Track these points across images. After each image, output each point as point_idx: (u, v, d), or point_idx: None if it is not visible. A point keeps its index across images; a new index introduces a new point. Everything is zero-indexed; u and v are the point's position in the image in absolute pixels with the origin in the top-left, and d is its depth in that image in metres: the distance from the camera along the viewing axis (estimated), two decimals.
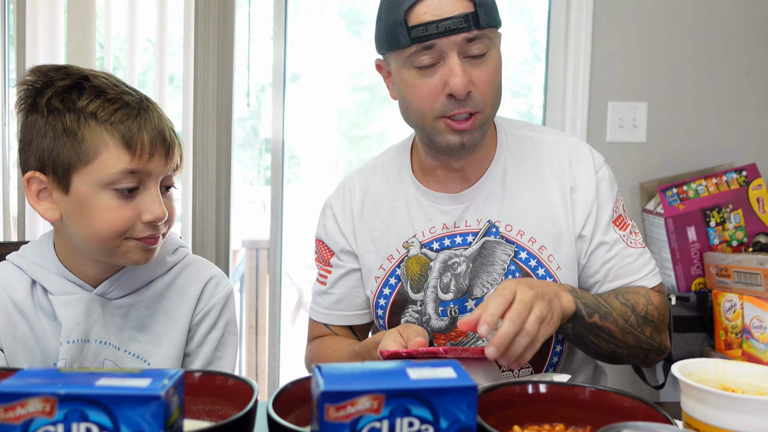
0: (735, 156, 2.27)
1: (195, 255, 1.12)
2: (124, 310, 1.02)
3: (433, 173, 1.18)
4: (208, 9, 2.13)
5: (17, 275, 1.01)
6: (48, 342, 0.99)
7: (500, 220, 1.14)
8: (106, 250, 0.95)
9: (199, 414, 0.77)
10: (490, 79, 1.06)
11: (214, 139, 2.15)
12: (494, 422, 0.72)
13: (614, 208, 1.16)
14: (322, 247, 1.27)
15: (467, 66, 1.04)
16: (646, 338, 1.08)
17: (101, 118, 0.91)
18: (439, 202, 1.17)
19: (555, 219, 1.13)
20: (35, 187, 0.95)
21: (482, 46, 1.04)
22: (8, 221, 2.21)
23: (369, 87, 5.04)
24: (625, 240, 1.15)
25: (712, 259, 1.99)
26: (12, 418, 0.55)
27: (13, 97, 2.23)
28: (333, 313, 1.25)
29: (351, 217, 1.23)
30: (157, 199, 0.95)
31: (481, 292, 1.14)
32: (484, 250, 1.14)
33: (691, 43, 2.25)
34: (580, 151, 1.17)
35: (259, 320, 3.15)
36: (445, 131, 1.07)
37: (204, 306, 1.07)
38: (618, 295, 1.09)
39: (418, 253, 1.17)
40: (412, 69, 1.06)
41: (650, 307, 1.09)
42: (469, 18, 1.01)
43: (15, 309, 0.99)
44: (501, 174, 1.16)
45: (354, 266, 1.23)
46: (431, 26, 1.02)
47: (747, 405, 0.67)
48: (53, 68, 0.95)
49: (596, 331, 1.03)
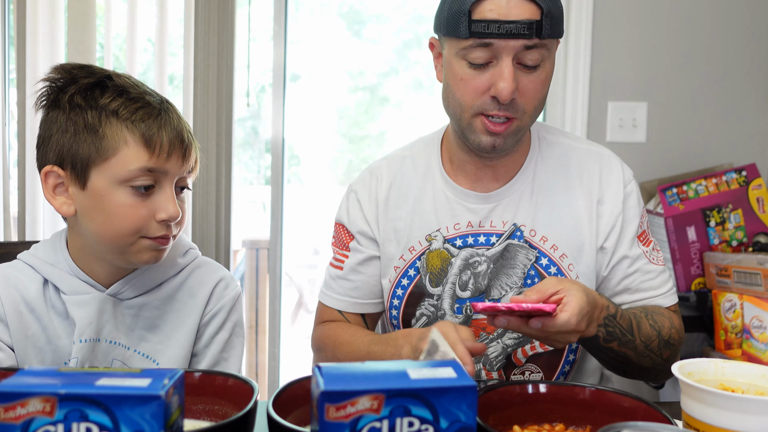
0: (735, 156, 2.27)
1: (205, 257, 1.13)
2: (135, 311, 1.03)
3: (463, 168, 1.17)
4: (208, 9, 2.13)
5: (29, 274, 1.01)
6: (59, 341, 1.00)
7: (525, 224, 1.14)
8: (119, 248, 0.96)
9: (199, 414, 0.77)
10: (537, 90, 1.05)
11: (214, 139, 2.15)
12: (494, 422, 0.72)
13: (640, 223, 1.16)
14: (341, 230, 1.26)
15: (519, 72, 1.03)
16: (662, 361, 1.09)
17: (123, 116, 0.93)
18: (466, 199, 1.16)
19: (579, 229, 1.13)
20: (52, 182, 0.96)
21: (538, 57, 1.02)
22: (8, 221, 2.21)
23: (369, 87, 5.04)
24: (648, 256, 1.16)
25: (712, 259, 1.99)
26: (12, 418, 0.55)
27: (13, 96, 2.24)
28: (347, 300, 1.23)
29: (376, 205, 1.22)
30: (172, 198, 0.96)
31: (499, 294, 1.13)
32: (506, 252, 1.14)
33: (691, 43, 2.25)
34: (612, 163, 1.17)
35: (259, 320, 3.15)
36: (480, 130, 1.07)
37: (213, 307, 1.08)
38: (648, 315, 1.08)
39: (440, 248, 1.16)
40: (464, 61, 1.04)
41: (673, 331, 1.10)
42: (533, 26, 0.99)
43: (27, 308, 1.00)
44: (531, 178, 1.16)
45: (374, 253, 1.22)
46: (493, 25, 1.00)
47: (747, 405, 0.67)
48: (77, 66, 0.96)
49: (611, 354, 1.04)
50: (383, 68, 5.09)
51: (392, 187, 1.21)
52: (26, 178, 2.15)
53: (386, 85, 5.10)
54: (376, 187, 1.22)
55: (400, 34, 5.03)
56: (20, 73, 2.14)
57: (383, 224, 1.21)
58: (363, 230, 1.22)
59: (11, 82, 2.26)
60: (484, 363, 1.15)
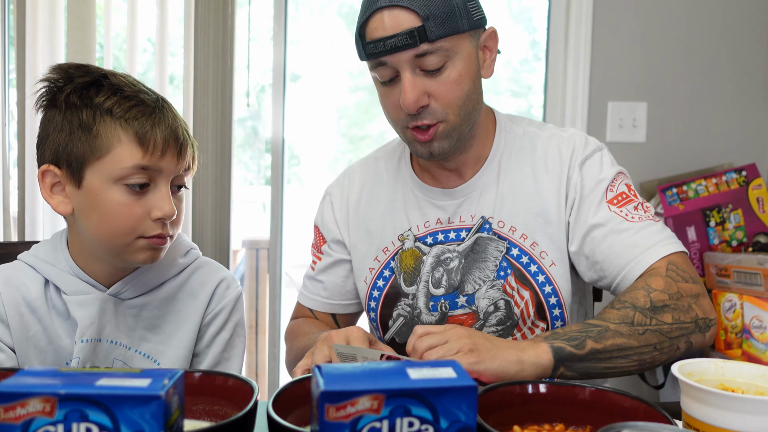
0: (735, 156, 2.27)
1: (206, 257, 1.13)
2: (136, 311, 1.03)
3: (428, 170, 1.19)
4: (208, 9, 2.13)
5: (30, 275, 1.01)
6: (60, 341, 1.00)
7: (493, 216, 1.14)
8: (116, 248, 0.96)
9: (199, 414, 0.77)
10: (450, 90, 1.04)
11: (214, 139, 2.15)
12: (494, 422, 0.72)
13: (608, 187, 1.10)
14: (317, 233, 1.30)
15: (424, 79, 1.03)
16: (671, 325, 0.97)
17: (116, 115, 0.93)
18: (434, 196, 1.17)
19: (547, 215, 1.12)
20: (49, 181, 0.96)
21: (437, 60, 1.01)
22: (8, 221, 2.21)
23: (369, 87, 5.04)
24: (623, 215, 1.08)
25: (712, 259, 1.99)
26: (12, 418, 0.55)
27: (13, 97, 2.24)
28: (317, 299, 1.27)
29: (347, 207, 1.24)
30: (167, 196, 0.96)
31: (473, 288, 1.13)
32: (476, 246, 1.14)
33: (691, 43, 2.25)
34: (574, 142, 1.14)
35: (259, 320, 3.15)
36: (413, 141, 1.09)
37: (214, 307, 1.08)
38: (613, 303, 1.00)
39: (412, 247, 1.17)
40: (377, 81, 1.08)
41: (653, 294, 0.98)
42: (414, 34, 0.99)
43: (28, 309, 1.00)
44: (496, 171, 1.16)
45: (343, 257, 1.24)
46: (379, 44, 1.01)
47: (747, 405, 0.67)
48: (74, 66, 0.97)
49: (603, 356, 0.94)
50: None
51: (363, 188, 1.24)
52: (26, 178, 2.15)
53: None
54: (348, 189, 1.25)
55: None
56: (20, 73, 2.14)
57: (354, 226, 1.23)
58: (333, 235, 1.25)
59: (11, 83, 2.26)
60: None
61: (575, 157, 1.13)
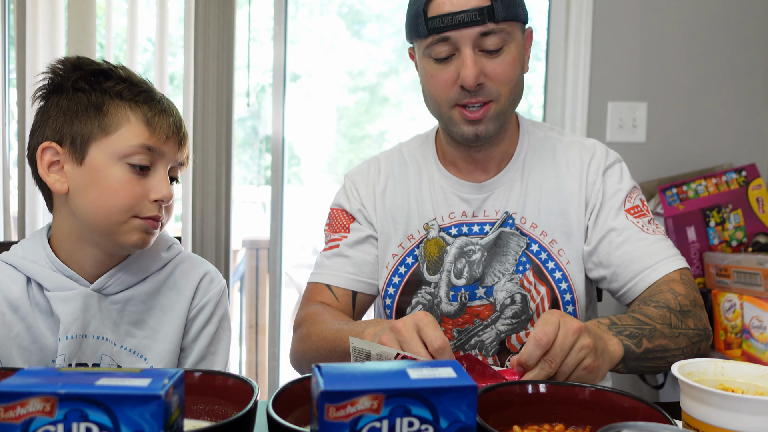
0: (735, 156, 2.27)
1: (188, 252, 1.14)
2: (120, 306, 1.03)
3: (454, 163, 1.22)
4: (208, 9, 2.13)
5: (11, 274, 1.01)
6: (45, 339, 0.99)
7: (516, 213, 1.18)
8: (109, 226, 0.96)
9: (199, 414, 0.77)
10: (506, 72, 1.08)
11: (214, 139, 2.15)
12: (494, 422, 0.72)
13: (627, 197, 1.17)
14: (340, 214, 1.28)
15: (482, 59, 1.07)
16: (692, 331, 1.04)
17: (126, 98, 0.98)
18: (460, 189, 1.20)
19: (567, 215, 1.16)
20: (48, 158, 0.97)
21: (498, 41, 1.06)
22: (8, 221, 2.21)
23: (369, 87, 5.04)
24: (640, 227, 1.14)
25: (712, 259, 1.99)
26: (12, 418, 0.55)
27: (13, 97, 2.24)
28: (342, 275, 1.23)
29: (373, 194, 1.26)
30: (166, 180, 0.99)
31: (492, 281, 1.16)
32: (499, 240, 1.17)
33: (691, 43, 2.26)
34: (595, 150, 1.20)
35: (259, 320, 3.15)
36: (460, 121, 1.11)
37: (199, 301, 1.09)
38: (647, 302, 1.04)
39: (436, 236, 1.20)
40: (430, 59, 1.10)
41: (680, 299, 1.04)
42: (483, 12, 1.04)
43: (10, 309, 0.99)
44: (521, 169, 1.20)
45: (372, 233, 1.24)
46: (446, 18, 1.05)
47: (747, 405, 0.67)
48: (81, 57, 1.01)
49: (650, 356, 0.97)
50: (383, 68, 5.09)
51: (390, 178, 1.26)
52: (26, 178, 2.15)
53: (386, 85, 5.10)
54: (375, 178, 1.27)
55: (400, 34, 5.03)
56: (20, 73, 2.14)
57: (381, 213, 1.24)
58: (363, 212, 1.25)
59: (11, 83, 2.26)
60: (480, 348, 1.17)
61: (598, 163, 1.18)
